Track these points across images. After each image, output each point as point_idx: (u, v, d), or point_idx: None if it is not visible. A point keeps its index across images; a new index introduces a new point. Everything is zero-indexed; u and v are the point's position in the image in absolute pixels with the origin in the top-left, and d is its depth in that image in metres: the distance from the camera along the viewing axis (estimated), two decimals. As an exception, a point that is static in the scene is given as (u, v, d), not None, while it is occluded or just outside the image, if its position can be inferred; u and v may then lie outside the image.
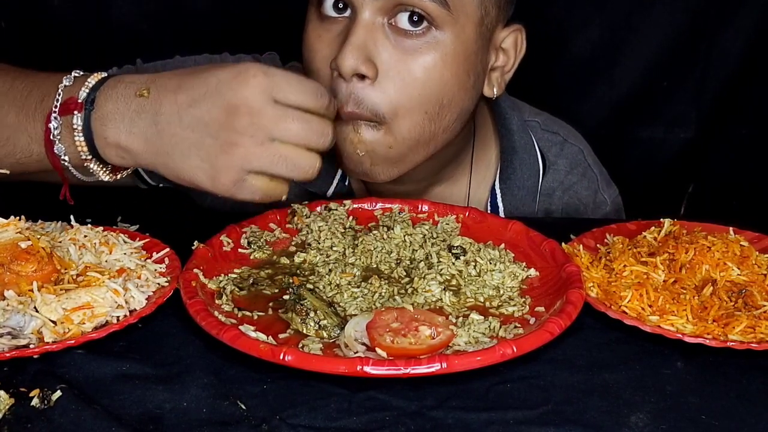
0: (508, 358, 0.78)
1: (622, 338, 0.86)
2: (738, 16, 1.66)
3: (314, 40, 1.06)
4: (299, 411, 0.73)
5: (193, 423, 0.72)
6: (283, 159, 0.86)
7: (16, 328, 0.81)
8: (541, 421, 0.73)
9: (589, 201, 1.33)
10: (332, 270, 0.96)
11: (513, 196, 1.26)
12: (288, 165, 0.86)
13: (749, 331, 0.85)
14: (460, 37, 1.04)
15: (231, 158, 0.85)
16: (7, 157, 0.96)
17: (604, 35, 1.70)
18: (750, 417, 0.75)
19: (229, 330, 0.80)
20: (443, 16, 1.02)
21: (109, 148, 0.90)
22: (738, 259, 0.95)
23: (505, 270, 0.97)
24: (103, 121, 0.89)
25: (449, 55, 1.04)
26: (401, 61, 1.02)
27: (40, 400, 0.73)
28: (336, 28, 1.04)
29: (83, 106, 0.90)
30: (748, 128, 1.73)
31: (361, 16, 1.01)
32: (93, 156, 0.91)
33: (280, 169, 0.86)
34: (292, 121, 0.85)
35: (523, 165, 1.26)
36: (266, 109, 0.84)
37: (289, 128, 0.85)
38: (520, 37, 1.14)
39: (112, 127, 0.89)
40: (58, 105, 0.91)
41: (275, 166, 0.86)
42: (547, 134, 1.32)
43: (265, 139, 0.85)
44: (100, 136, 0.90)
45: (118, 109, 0.89)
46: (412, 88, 1.03)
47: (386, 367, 0.75)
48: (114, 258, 0.93)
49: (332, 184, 1.24)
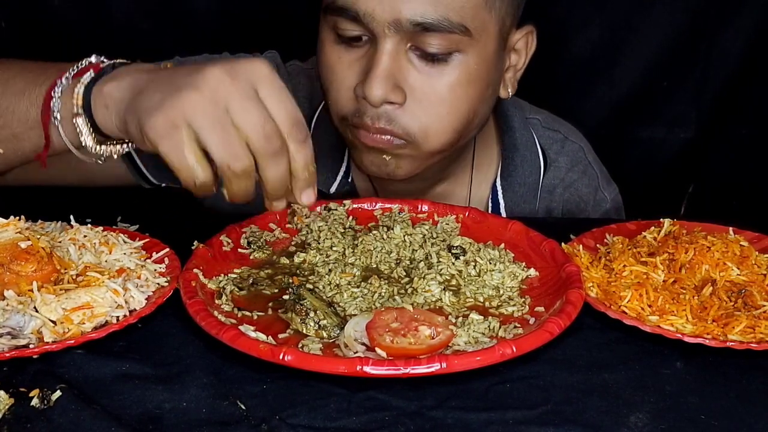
0: (507, 358, 0.78)
1: (622, 338, 0.86)
2: (738, 16, 1.66)
3: (334, 62, 1.06)
4: (299, 411, 0.73)
5: (192, 423, 0.72)
6: (223, 131, 0.76)
7: (16, 328, 0.81)
8: (541, 421, 0.73)
9: (590, 198, 1.33)
10: (332, 270, 0.97)
11: (514, 193, 1.27)
12: (221, 141, 0.77)
13: (749, 331, 0.85)
14: (481, 55, 1.05)
15: (180, 99, 0.76)
16: (4, 127, 0.93)
17: (604, 35, 1.70)
18: (749, 417, 0.75)
19: (229, 330, 0.80)
20: (465, 40, 1.02)
21: (98, 98, 0.85)
22: (738, 259, 0.95)
23: (504, 270, 0.97)
24: (111, 77, 0.86)
25: (473, 73, 1.05)
26: (427, 84, 1.03)
27: (39, 400, 0.73)
28: (356, 52, 1.04)
29: (101, 69, 0.88)
30: (748, 128, 1.73)
31: (384, 45, 1.01)
32: (84, 112, 0.86)
33: (213, 139, 0.76)
34: (255, 110, 0.77)
35: (524, 162, 1.27)
36: (242, 85, 0.77)
37: (249, 112, 0.77)
38: (531, 38, 1.16)
39: (112, 82, 0.85)
40: (77, 70, 0.89)
41: (211, 132, 0.76)
42: (548, 132, 1.33)
43: (221, 103, 0.77)
44: (98, 88, 0.86)
45: (128, 73, 0.86)
46: (440, 108, 1.05)
47: (386, 367, 0.75)
48: (114, 258, 0.93)
49: (335, 182, 1.24)
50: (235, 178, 0.79)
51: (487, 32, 1.05)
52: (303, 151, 0.80)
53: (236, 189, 0.80)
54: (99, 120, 0.86)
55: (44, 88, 0.89)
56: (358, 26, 1.02)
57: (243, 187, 0.80)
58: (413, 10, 0.98)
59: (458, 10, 1.00)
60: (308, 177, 0.82)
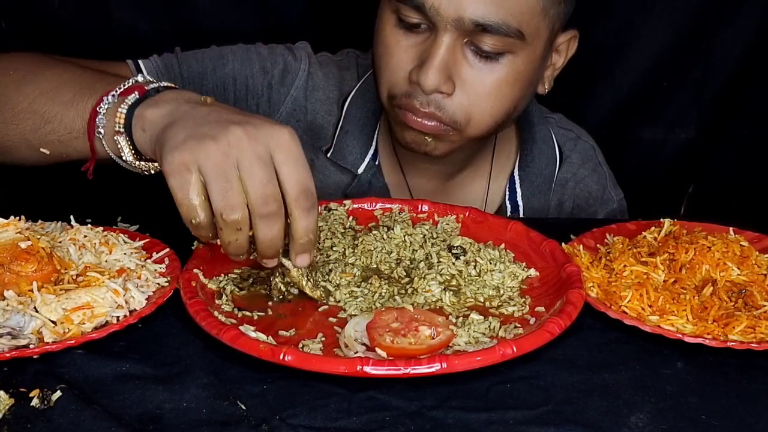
0: (508, 358, 0.78)
1: (622, 338, 0.86)
2: (738, 16, 1.65)
3: (393, 45, 1.11)
4: (299, 411, 0.73)
5: (192, 423, 0.72)
6: (225, 181, 0.81)
7: (16, 328, 0.81)
8: (541, 421, 0.73)
9: (598, 195, 1.38)
10: (332, 270, 0.96)
11: (531, 183, 1.32)
12: (221, 190, 0.81)
13: (749, 331, 0.85)
14: (530, 57, 1.10)
15: (198, 145, 0.81)
16: (51, 133, 0.98)
17: (604, 35, 1.70)
18: (750, 417, 0.75)
19: (229, 330, 0.80)
20: (518, 44, 1.07)
21: (138, 120, 0.90)
22: (738, 259, 0.95)
23: (505, 270, 0.97)
24: (153, 102, 0.91)
25: (521, 73, 1.10)
26: (477, 78, 1.09)
27: (39, 400, 0.73)
28: (415, 37, 1.09)
29: (145, 92, 0.93)
30: (749, 128, 1.73)
31: (443, 37, 1.06)
32: (125, 131, 0.91)
33: (215, 186, 0.81)
34: (261, 171, 0.82)
35: (541, 155, 1.32)
36: (258, 147, 0.82)
37: (255, 171, 0.81)
38: (574, 41, 1.21)
39: (152, 108, 0.90)
40: (123, 88, 0.94)
41: (215, 180, 0.81)
42: (562, 130, 1.38)
43: (233, 158, 0.81)
44: (139, 111, 0.91)
45: (168, 101, 0.90)
46: (486, 102, 1.10)
47: (386, 367, 0.75)
48: (114, 258, 0.93)
49: (363, 164, 1.28)
50: (226, 228, 0.82)
51: (539, 37, 1.10)
52: (307, 218, 0.84)
53: (227, 239, 0.83)
54: (136, 140, 0.91)
55: (91, 102, 0.95)
56: (421, 16, 1.06)
57: (234, 239, 0.83)
58: (476, 10, 1.03)
59: (517, 16, 1.05)
60: (306, 243, 0.86)
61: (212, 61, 1.28)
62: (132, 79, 0.96)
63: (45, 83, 1.01)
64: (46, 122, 0.99)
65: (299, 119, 1.31)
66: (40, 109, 0.99)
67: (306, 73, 1.31)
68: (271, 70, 1.29)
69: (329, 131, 1.31)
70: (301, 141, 1.24)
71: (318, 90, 1.31)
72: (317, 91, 1.31)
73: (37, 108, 0.99)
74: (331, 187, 1.29)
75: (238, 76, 1.28)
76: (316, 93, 1.31)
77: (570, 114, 1.46)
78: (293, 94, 1.30)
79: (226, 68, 1.28)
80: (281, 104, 1.30)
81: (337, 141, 1.29)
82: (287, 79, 1.30)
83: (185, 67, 1.27)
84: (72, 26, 1.61)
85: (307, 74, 1.31)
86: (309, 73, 1.31)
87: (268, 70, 1.29)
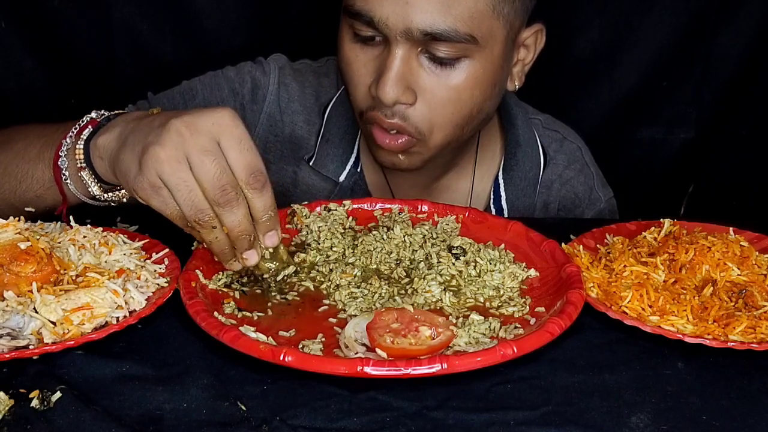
0: (508, 358, 0.78)
1: (623, 339, 0.86)
2: (738, 16, 1.65)
3: (352, 60, 1.12)
4: (299, 412, 0.73)
5: (193, 424, 0.71)
6: (185, 188, 0.84)
7: (16, 329, 0.81)
8: (542, 421, 0.73)
9: (585, 196, 1.37)
10: (332, 270, 0.96)
11: (515, 187, 1.31)
12: (185, 198, 0.84)
13: (750, 332, 0.85)
14: (488, 59, 1.10)
15: (150, 158, 0.84)
16: (27, 191, 1.03)
17: (604, 35, 1.70)
18: (751, 417, 0.75)
19: (229, 331, 0.80)
20: (472, 48, 1.07)
21: (94, 150, 0.94)
22: (738, 260, 0.95)
23: (505, 270, 0.97)
24: (104, 129, 0.95)
25: (480, 77, 1.10)
26: (436, 85, 1.09)
27: (39, 401, 0.73)
28: (372, 50, 1.10)
29: (98, 124, 0.97)
30: (748, 128, 1.73)
31: (396, 49, 1.06)
32: (87, 165, 0.96)
33: (179, 196, 0.85)
34: (211, 164, 0.84)
35: (525, 158, 1.31)
36: (201, 139, 0.84)
37: (205, 166, 0.84)
38: (541, 35, 1.20)
39: (103, 135, 0.94)
40: (78, 128, 0.98)
41: (177, 191, 0.84)
42: (548, 131, 1.37)
43: (182, 159, 0.84)
44: (93, 142, 0.94)
45: (117, 124, 0.94)
46: (446, 108, 1.10)
47: (386, 367, 0.75)
48: (113, 259, 0.93)
49: (344, 171, 1.29)
50: (202, 230, 0.87)
51: (494, 38, 1.09)
52: (260, 198, 0.87)
53: (207, 239, 0.88)
54: (98, 169, 0.95)
55: (53, 149, 0.99)
56: (373, 29, 1.07)
57: (214, 238, 0.88)
58: (424, 20, 1.03)
59: (466, 21, 1.04)
60: (268, 221, 0.89)
61: (182, 96, 1.30)
62: (86, 117, 0.99)
63: (16, 146, 1.05)
64: (20, 182, 1.03)
65: (277, 134, 1.31)
66: (13, 170, 1.03)
67: (276, 86, 1.31)
68: (240, 90, 1.30)
69: (311, 140, 1.31)
70: (281, 155, 1.28)
71: (293, 101, 1.32)
72: (293, 102, 1.31)
73: (11, 170, 1.03)
74: (315, 196, 1.29)
75: (209, 104, 1.29)
76: (291, 105, 1.31)
77: (570, 114, 1.46)
78: (266, 110, 1.31)
79: (196, 99, 1.29)
80: (257, 123, 1.31)
81: (319, 149, 1.29)
82: (258, 96, 1.31)
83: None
84: (72, 26, 1.61)
85: (278, 87, 1.31)
86: (281, 85, 1.31)
87: (237, 91, 1.30)
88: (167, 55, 1.65)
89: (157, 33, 1.64)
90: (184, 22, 1.66)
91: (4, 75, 1.62)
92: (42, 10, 1.59)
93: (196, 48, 1.66)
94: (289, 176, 1.31)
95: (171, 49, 1.66)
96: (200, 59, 1.52)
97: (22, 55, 1.62)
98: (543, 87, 1.71)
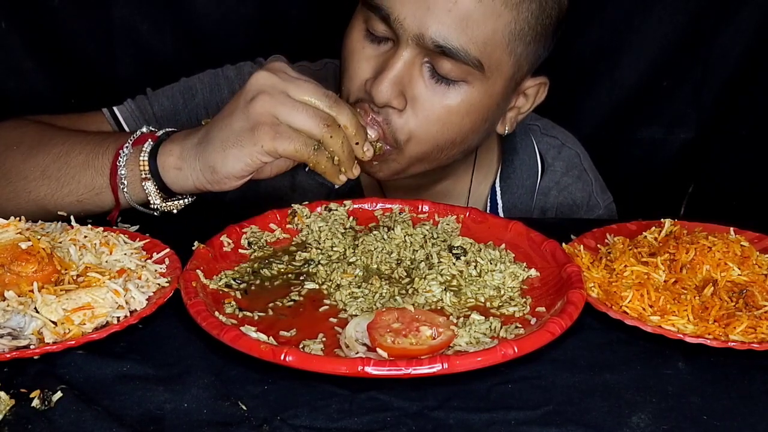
0: (509, 358, 0.78)
1: (623, 338, 0.86)
2: (738, 16, 1.66)
3: (357, 51, 1.11)
4: (300, 412, 0.73)
5: (193, 424, 0.71)
6: (292, 108, 0.95)
7: (17, 328, 0.81)
8: (543, 421, 0.73)
9: (583, 203, 1.37)
10: (334, 270, 0.96)
11: (512, 194, 1.31)
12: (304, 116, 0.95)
13: (750, 332, 0.85)
14: (488, 92, 1.09)
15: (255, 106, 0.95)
16: (69, 195, 1.05)
17: (604, 35, 1.70)
18: (751, 417, 0.75)
19: (230, 330, 0.80)
20: (477, 74, 1.06)
21: (166, 162, 1.00)
22: (739, 260, 0.95)
23: (505, 270, 0.97)
24: (171, 140, 1.02)
25: (474, 105, 1.09)
26: (429, 100, 1.08)
27: (40, 400, 0.73)
28: (378, 49, 1.09)
29: (158, 138, 1.03)
30: (748, 128, 1.73)
31: (403, 51, 1.06)
32: (152, 176, 1.01)
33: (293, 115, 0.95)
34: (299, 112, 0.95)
35: (522, 165, 1.31)
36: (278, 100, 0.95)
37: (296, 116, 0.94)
38: (543, 89, 1.19)
39: (175, 147, 1.00)
40: (134, 139, 1.04)
41: (288, 113, 0.95)
42: (546, 138, 1.37)
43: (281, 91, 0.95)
44: (163, 156, 1.00)
45: (184, 135, 1.01)
46: (431, 126, 1.09)
47: (387, 367, 0.75)
48: (114, 258, 0.93)
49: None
50: (334, 134, 0.97)
51: (500, 72, 1.08)
52: (344, 111, 0.98)
53: (338, 144, 0.98)
54: (170, 181, 1.01)
55: (108, 158, 1.04)
56: (387, 27, 1.06)
57: (342, 141, 0.98)
58: (439, 30, 1.03)
59: (479, 45, 1.04)
60: (361, 130, 1.01)
61: (182, 94, 1.30)
62: (137, 132, 1.05)
63: (54, 150, 1.07)
64: (62, 185, 1.05)
65: None
66: (54, 174, 1.06)
67: None
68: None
69: None
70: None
71: None
72: None
73: (51, 173, 1.06)
74: (311, 201, 1.27)
75: (209, 105, 1.30)
76: None
77: (570, 114, 1.46)
78: None
79: (196, 99, 1.30)
80: None
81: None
82: None
83: (157, 106, 1.29)
84: (72, 26, 1.61)
85: None
86: None
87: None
88: (167, 55, 1.66)
89: (157, 33, 1.64)
90: (184, 22, 1.66)
91: (4, 75, 1.63)
92: (42, 10, 1.59)
93: (196, 48, 1.66)
94: (287, 180, 1.30)
95: (171, 49, 1.66)
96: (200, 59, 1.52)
97: (22, 56, 1.62)
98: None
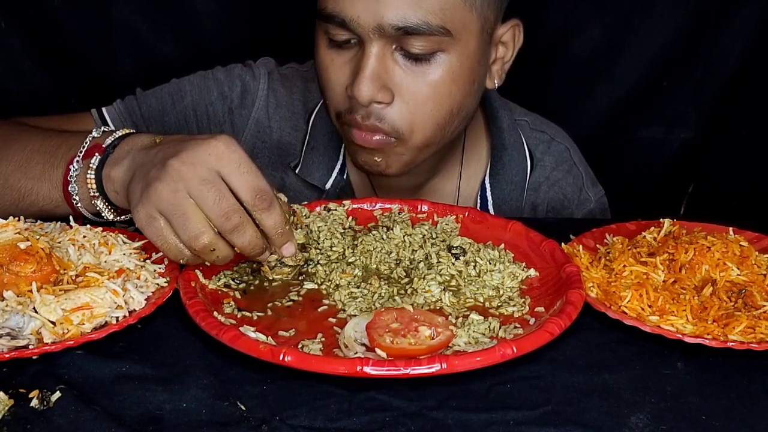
0: (508, 358, 0.78)
1: (622, 338, 0.86)
2: (738, 16, 1.66)
3: (328, 65, 1.11)
4: (299, 412, 0.73)
5: (192, 424, 0.71)
6: (182, 217, 0.85)
7: (16, 328, 0.81)
8: (542, 421, 0.73)
9: (574, 197, 1.37)
10: (333, 270, 0.96)
11: (502, 191, 1.31)
12: (182, 226, 0.85)
13: (749, 332, 0.85)
14: (464, 53, 1.09)
15: (150, 192, 0.85)
16: (31, 206, 1.03)
17: (604, 35, 1.70)
18: (750, 417, 0.75)
19: (229, 330, 0.80)
20: (447, 41, 1.06)
21: (107, 183, 0.96)
22: (738, 260, 0.95)
23: (504, 270, 0.97)
24: (114, 161, 0.96)
25: (456, 71, 1.09)
26: (413, 83, 1.07)
27: (39, 401, 0.73)
28: (347, 53, 1.09)
29: (105, 150, 0.97)
30: (748, 128, 1.73)
31: (370, 48, 1.05)
32: (100, 194, 0.97)
33: (176, 224, 0.85)
34: (210, 192, 0.85)
35: (512, 161, 1.31)
36: (199, 170, 0.85)
37: (205, 195, 0.85)
38: (518, 30, 1.18)
39: (115, 168, 0.95)
40: (83, 151, 0.99)
41: (174, 218, 0.85)
42: (535, 133, 1.36)
43: (181, 190, 0.85)
44: (106, 173, 0.96)
45: (125, 154, 0.95)
46: (424, 105, 1.09)
47: (386, 367, 0.75)
48: (113, 258, 0.93)
49: (330, 179, 1.28)
50: (201, 254, 0.87)
51: (468, 31, 1.08)
52: (270, 217, 0.88)
53: (210, 259, 0.88)
54: (113, 200, 0.97)
55: (60, 172, 1.01)
56: (346, 31, 1.06)
57: (215, 257, 0.88)
58: (394, 15, 1.03)
59: (437, 13, 1.04)
60: (281, 236, 0.90)
61: (171, 95, 1.30)
62: (89, 138, 1.00)
63: (15, 157, 1.05)
64: (23, 196, 1.03)
65: (265, 140, 1.31)
66: (15, 184, 1.04)
67: (266, 91, 1.31)
68: (229, 94, 1.30)
69: (297, 147, 1.31)
70: (268, 161, 1.28)
71: (281, 107, 1.31)
72: (281, 108, 1.31)
73: (12, 183, 1.04)
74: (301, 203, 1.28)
75: (198, 106, 1.30)
76: (279, 110, 1.31)
77: (569, 113, 1.46)
78: (254, 115, 1.31)
79: (185, 101, 1.29)
80: (245, 127, 1.31)
81: (304, 157, 1.29)
82: (247, 101, 1.31)
83: (145, 108, 1.29)
84: (72, 26, 1.61)
85: (267, 92, 1.31)
86: (269, 90, 1.31)
87: (226, 95, 1.30)
88: (167, 55, 1.66)
89: (157, 33, 1.64)
90: (183, 22, 1.66)
91: (4, 75, 1.63)
92: (42, 10, 1.59)
93: (196, 48, 1.66)
94: (277, 182, 1.30)
95: (171, 48, 1.66)
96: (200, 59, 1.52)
97: (22, 56, 1.62)
98: (543, 87, 1.72)
